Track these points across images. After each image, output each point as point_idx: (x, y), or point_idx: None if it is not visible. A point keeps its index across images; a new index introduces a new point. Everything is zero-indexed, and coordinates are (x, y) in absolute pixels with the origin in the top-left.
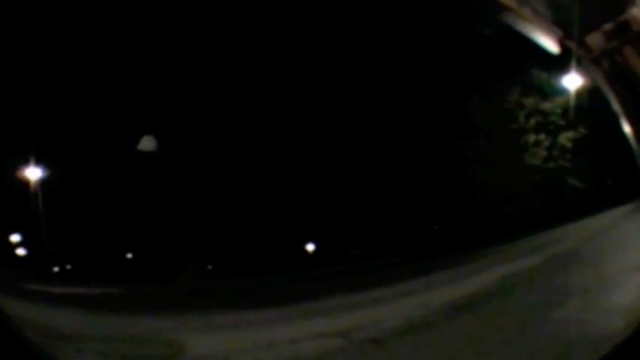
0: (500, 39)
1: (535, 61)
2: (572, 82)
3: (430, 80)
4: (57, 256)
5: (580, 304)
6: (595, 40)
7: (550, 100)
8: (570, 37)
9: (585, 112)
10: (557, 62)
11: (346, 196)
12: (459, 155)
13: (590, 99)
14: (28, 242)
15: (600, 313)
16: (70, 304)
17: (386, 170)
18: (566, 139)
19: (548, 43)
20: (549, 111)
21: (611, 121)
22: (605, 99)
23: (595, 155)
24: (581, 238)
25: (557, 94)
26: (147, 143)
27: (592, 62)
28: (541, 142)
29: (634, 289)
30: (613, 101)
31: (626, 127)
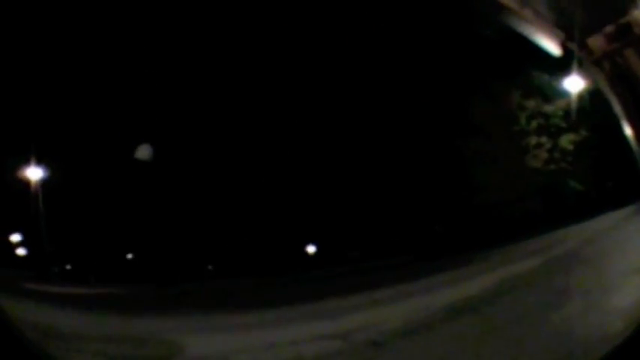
0: (501, 40)
1: (536, 63)
2: (573, 84)
3: (431, 81)
4: (57, 256)
5: (580, 306)
6: (596, 42)
7: (551, 102)
8: (572, 39)
9: (586, 115)
10: (559, 64)
11: (346, 197)
12: (459, 157)
13: (592, 101)
14: (28, 242)
15: (601, 315)
16: (70, 304)
17: (386, 171)
18: (568, 141)
19: (549, 45)
20: (551, 113)
21: (613, 123)
22: (606, 101)
23: (596, 157)
24: (581, 241)
25: (559, 96)
26: (143, 152)
27: (593, 64)
28: (542, 144)
29: (634, 292)
30: (614, 103)
31: (628, 129)
